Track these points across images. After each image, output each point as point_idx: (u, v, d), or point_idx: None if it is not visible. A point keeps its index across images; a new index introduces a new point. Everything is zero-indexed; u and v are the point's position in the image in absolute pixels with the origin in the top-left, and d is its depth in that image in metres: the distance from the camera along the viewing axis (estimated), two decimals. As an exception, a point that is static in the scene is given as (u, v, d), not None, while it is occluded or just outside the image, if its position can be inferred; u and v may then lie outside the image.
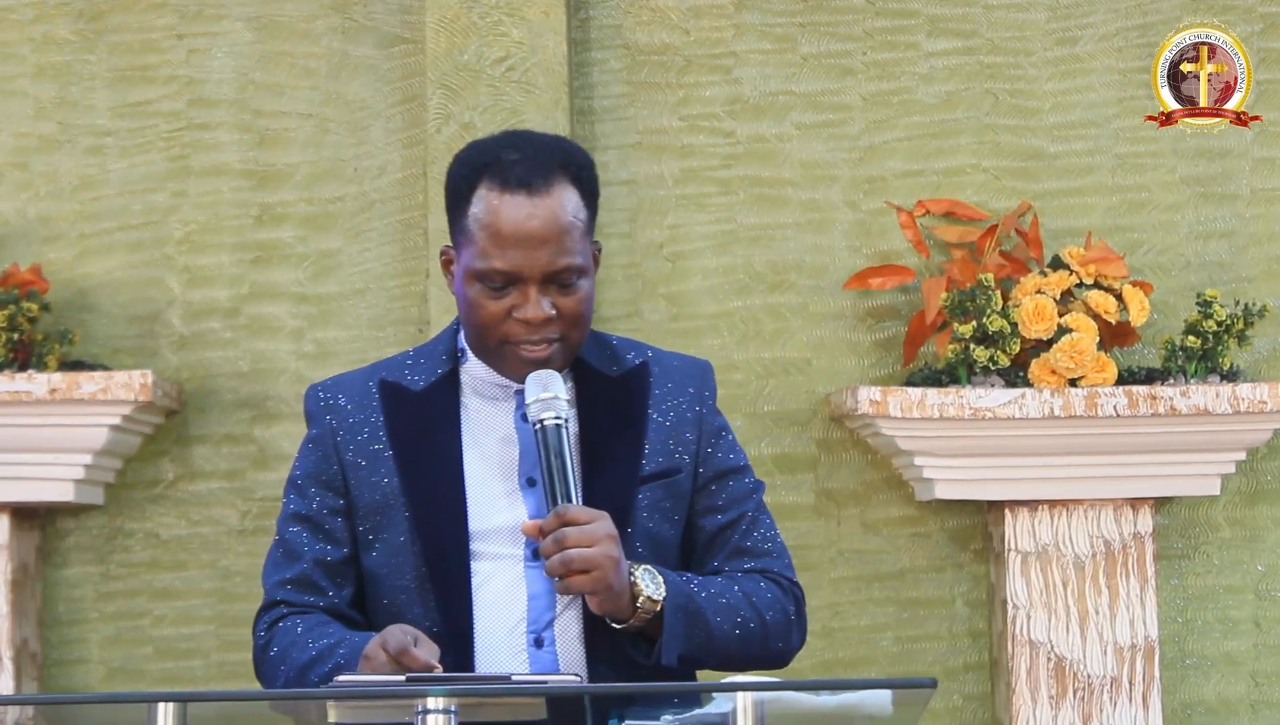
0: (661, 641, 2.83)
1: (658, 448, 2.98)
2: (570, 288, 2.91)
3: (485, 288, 2.91)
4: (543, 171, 2.94)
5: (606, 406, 2.98)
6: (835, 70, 4.88)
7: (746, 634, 2.92)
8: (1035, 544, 4.59)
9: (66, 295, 4.78)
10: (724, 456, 3.03)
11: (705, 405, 3.04)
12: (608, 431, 2.97)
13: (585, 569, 2.77)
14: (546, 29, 4.74)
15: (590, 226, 2.98)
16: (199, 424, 4.81)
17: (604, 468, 2.94)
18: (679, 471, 2.98)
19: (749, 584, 2.96)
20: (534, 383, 2.87)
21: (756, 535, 3.02)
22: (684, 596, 2.85)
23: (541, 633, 2.90)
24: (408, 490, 2.94)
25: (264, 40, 4.88)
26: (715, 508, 3.01)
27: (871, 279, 4.75)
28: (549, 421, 2.84)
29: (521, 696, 2.56)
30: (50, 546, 4.79)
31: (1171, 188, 4.86)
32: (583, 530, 2.78)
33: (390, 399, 3.00)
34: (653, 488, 2.96)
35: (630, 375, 3.02)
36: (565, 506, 2.80)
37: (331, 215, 4.85)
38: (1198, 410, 4.52)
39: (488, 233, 2.91)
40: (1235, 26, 4.81)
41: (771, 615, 2.95)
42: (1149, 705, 4.56)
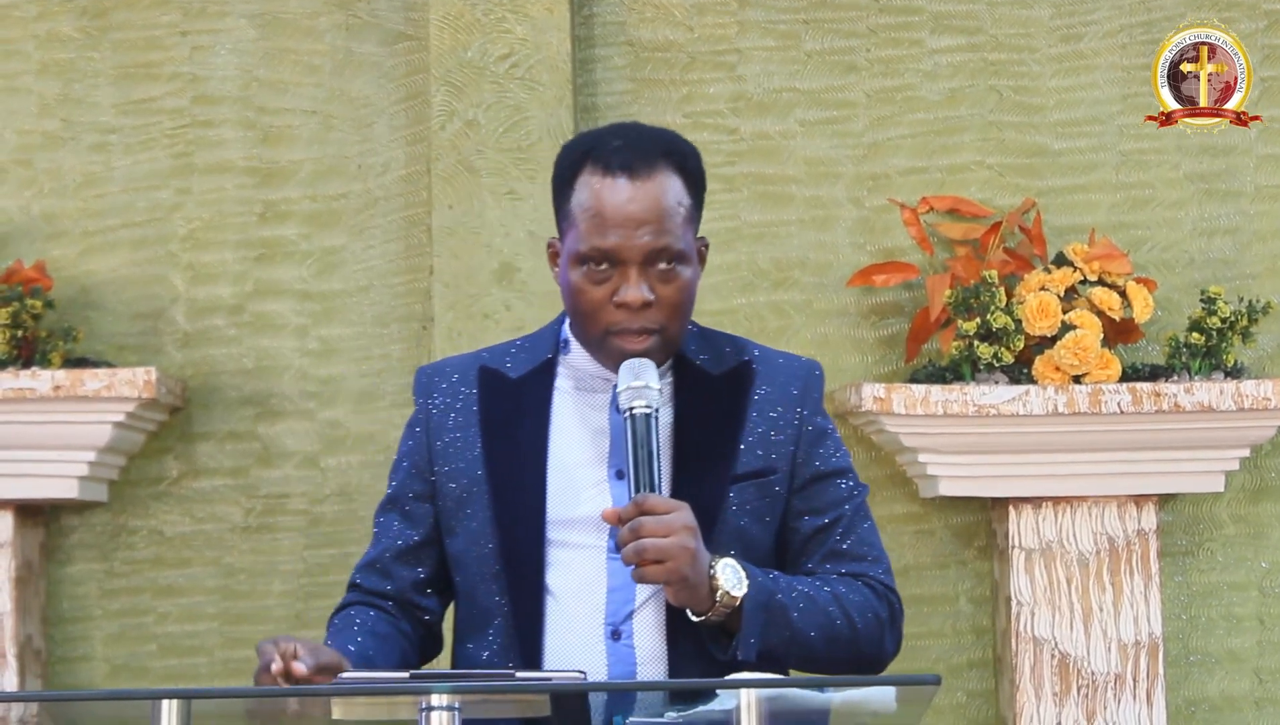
0: (739, 637, 2.81)
1: (753, 448, 2.97)
2: (670, 273, 2.91)
3: (587, 271, 2.91)
4: (645, 157, 2.94)
5: (705, 403, 2.97)
6: (839, 67, 4.87)
7: (833, 635, 2.89)
8: (1039, 541, 4.59)
9: (70, 292, 4.78)
10: (824, 459, 3.01)
11: (808, 407, 3.02)
12: (703, 428, 2.96)
13: (660, 559, 2.75)
14: (550, 26, 4.74)
15: (694, 217, 2.97)
16: (203, 421, 4.81)
17: (695, 464, 2.93)
18: (773, 472, 2.97)
19: (841, 586, 2.94)
20: (626, 371, 2.87)
21: (853, 539, 3.00)
22: (766, 593, 2.84)
23: (620, 625, 2.89)
24: (490, 476, 2.94)
25: (268, 37, 4.88)
26: (812, 510, 2.99)
27: (875, 276, 4.75)
28: (638, 410, 2.83)
29: (525, 693, 2.56)
30: (54, 544, 4.79)
31: (1175, 184, 4.85)
32: (659, 520, 2.76)
33: (487, 385, 3.01)
34: (744, 487, 2.94)
35: (732, 374, 3.01)
36: (645, 495, 2.78)
37: (335, 212, 4.85)
38: (1201, 407, 4.52)
39: (589, 215, 2.91)
40: (1238, 23, 4.80)
41: (862, 619, 2.93)
42: (1153, 702, 4.56)
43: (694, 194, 2.98)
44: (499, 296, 4.66)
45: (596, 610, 2.90)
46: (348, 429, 4.80)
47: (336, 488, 4.80)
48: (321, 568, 4.78)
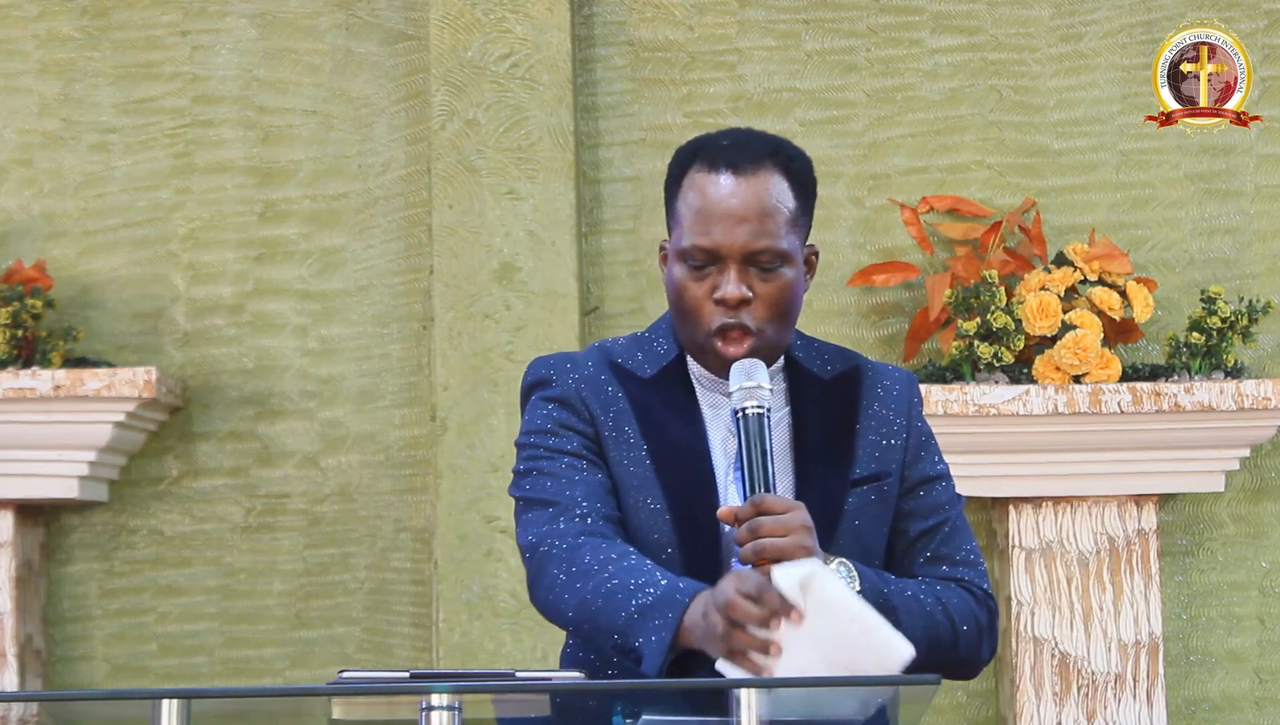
0: None
1: (868, 451, 2.98)
2: (770, 273, 2.90)
3: (688, 267, 2.91)
4: (750, 156, 2.94)
5: (820, 407, 2.98)
6: (839, 67, 4.88)
7: (936, 639, 2.90)
8: (1039, 541, 4.59)
9: (71, 292, 4.79)
10: (928, 464, 3.04)
11: (913, 412, 3.05)
12: (820, 432, 2.97)
13: (778, 558, 2.76)
14: (550, 25, 4.74)
15: (799, 222, 2.96)
16: (203, 421, 4.81)
17: (816, 468, 2.94)
18: (887, 476, 2.99)
19: (945, 591, 2.95)
20: (738, 372, 2.86)
21: (955, 543, 3.02)
22: (878, 593, 2.84)
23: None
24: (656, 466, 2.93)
25: (268, 37, 4.88)
26: (917, 513, 3.01)
27: (875, 275, 4.75)
28: (750, 410, 2.82)
29: (526, 693, 2.56)
30: (54, 543, 4.79)
31: (1175, 184, 4.86)
32: (778, 519, 2.76)
33: (626, 380, 2.98)
34: (863, 491, 2.96)
35: (842, 378, 3.02)
36: (762, 495, 2.78)
37: (335, 212, 4.85)
38: (1202, 407, 4.52)
39: (693, 211, 2.92)
40: (1238, 23, 4.80)
41: (964, 624, 2.94)
42: (1153, 702, 4.56)
43: (800, 198, 2.97)
44: (499, 296, 4.66)
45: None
46: (348, 429, 4.80)
47: (336, 488, 4.80)
48: (321, 567, 4.79)
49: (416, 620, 4.74)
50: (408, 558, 4.74)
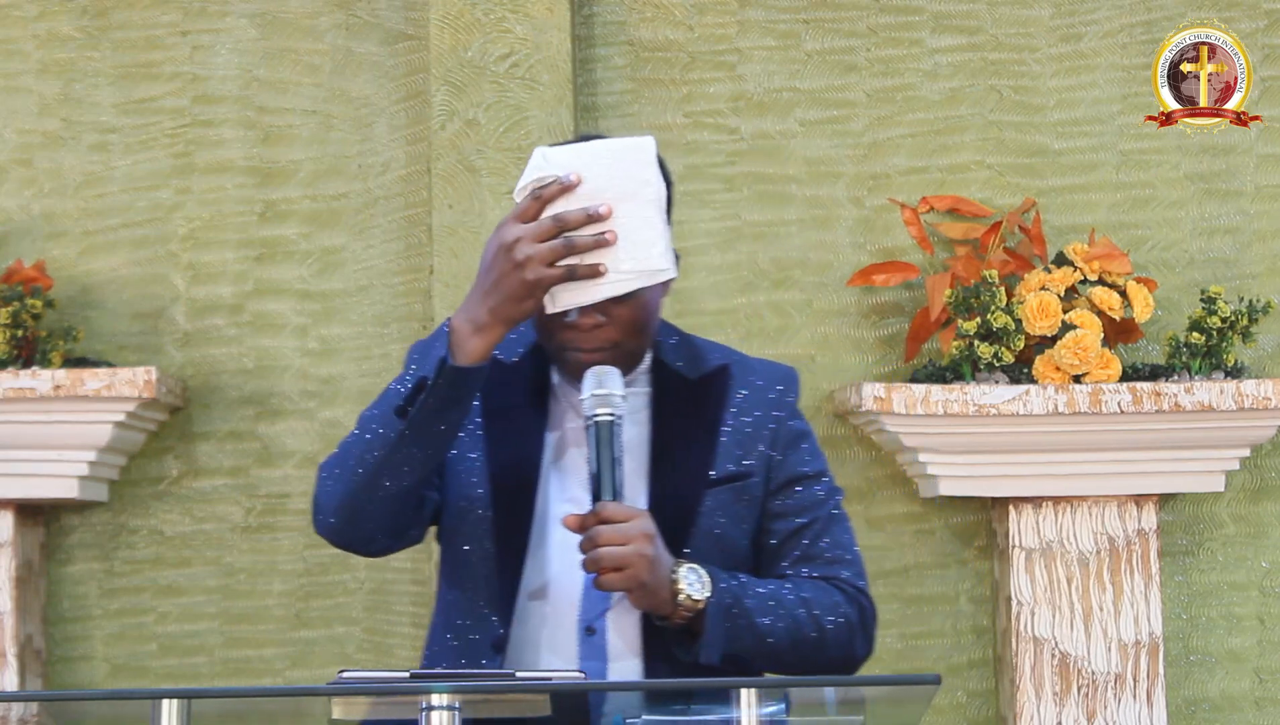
0: (702, 640, 2.83)
1: (730, 452, 2.98)
2: (628, 294, 2.89)
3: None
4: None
5: (682, 409, 2.99)
6: (839, 67, 4.88)
7: (800, 638, 2.91)
8: (1039, 540, 4.59)
9: (71, 292, 4.78)
10: (799, 463, 3.03)
11: (784, 410, 3.04)
12: (680, 433, 2.97)
13: (617, 567, 2.77)
14: (550, 25, 4.74)
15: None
16: (203, 421, 4.81)
17: (672, 469, 2.95)
18: (749, 476, 2.99)
19: (810, 589, 2.95)
20: (590, 378, 2.87)
21: (826, 541, 3.01)
22: (730, 597, 2.85)
23: (594, 622, 2.90)
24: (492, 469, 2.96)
25: (268, 37, 4.88)
26: (787, 512, 3.01)
27: (875, 276, 4.75)
28: (601, 417, 2.83)
29: (526, 693, 2.56)
30: (54, 543, 4.79)
31: (1175, 184, 4.86)
32: (617, 528, 2.78)
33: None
34: (720, 491, 2.96)
35: (709, 378, 3.02)
36: (604, 504, 2.80)
37: (335, 212, 4.85)
38: (1202, 407, 4.52)
39: None
40: (1238, 23, 4.80)
41: (831, 622, 2.94)
42: (1153, 702, 4.56)
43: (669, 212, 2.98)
44: (499, 296, 4.66)
45: (572, 607, 2.92)
46: (348, 429, 4.77)
47: (337, 487, 4.79)
48: (321, 567, 4.78)
49: (416, 620, 4.74)
50: (408, 558, 4.73)
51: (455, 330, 2.81)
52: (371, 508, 2.88)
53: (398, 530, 2.95)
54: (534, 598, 2.93)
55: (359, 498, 2.87)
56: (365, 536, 2.94)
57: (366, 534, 2.93)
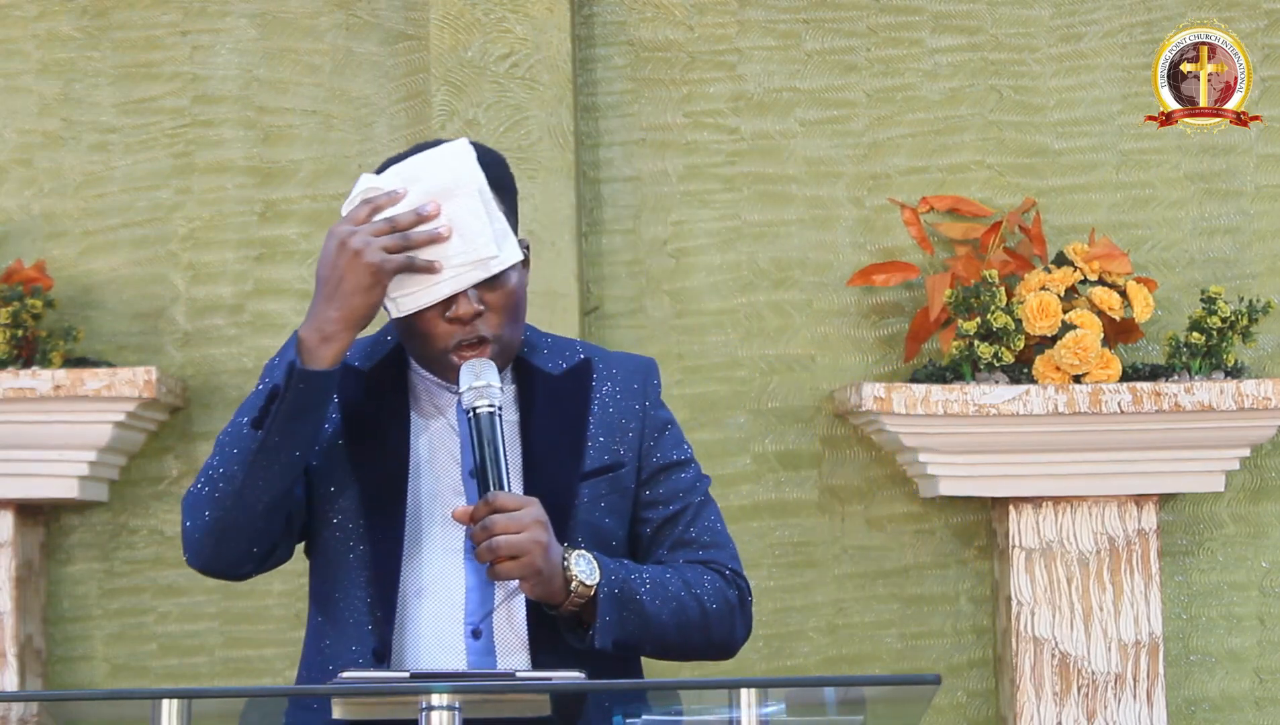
0: (595, 626, 2.85)
1: (600, 443, 3.00)
2: (496, 280, 2.92)
3: None
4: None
5: (548, 403, 3.01)
6: (839, 66, 4.88)
7: (685, 621, 2.93)
8: (1039, 540, 4.59)
9: (71, 292, 4.78)
10: (666, 451, 3.05)
11: (649, 400, 3.06)
12: (549, 428, 2.99)
13: (513, 555, 2.79)
14: (550, 25, 4.74)
15: (511, 222, 2.99)
16: (203, 420, 4.81)
17: (544, 463, 2.96)
18: (621, 466, 3.01)
19: (690, 573, 2.98)
20: (467, 371, 2.88)
21: (699, 527, 3.04)
22: (619, 582, 2.87)
23: (479, 624, 2.91)
24: (357, 478, 2.96)
25: (268, 37, 4.88)
26: (658, 501, 3.03)
27: (875, 276, 4.75)
28: (482, 409, 2.85)
29: (526, 693, 2.56)
30: (54, 543, 4.79)
31: (1175, 184, 4.86)
32: (511, 516, 2.79)
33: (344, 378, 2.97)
34: (595, 483, 2.98)
35: (573, 372, 3.04)
36: (495, 493, 2.81)
37: (335, 212, 4.85)
38: (1202, 407, 4.52)
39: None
40: (1238, 23, 4.80)
41: (713, 605, 2.96)
42: (1153, 702, 4.56)
43: (505, 200, 3.00)
44: (499, 296, 4.66)
45: (456, 609, 2.92)
46: (348, 429, 4.80)
47: (337, 487, 4.79)
48: (322, 567, 4.78)
49: (416, 620, 4.74)
50: (408, 558, 4.74)
51: (303, 341, 2.83)
52: (238, 528, 2.89)
53: (265, 549, 2.95)
54: (414, 604, 2.93)
55: (225, 520, 2.87)
56: (234, 559, 2.94)
57: (235, 556, 2.93)
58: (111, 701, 2.63)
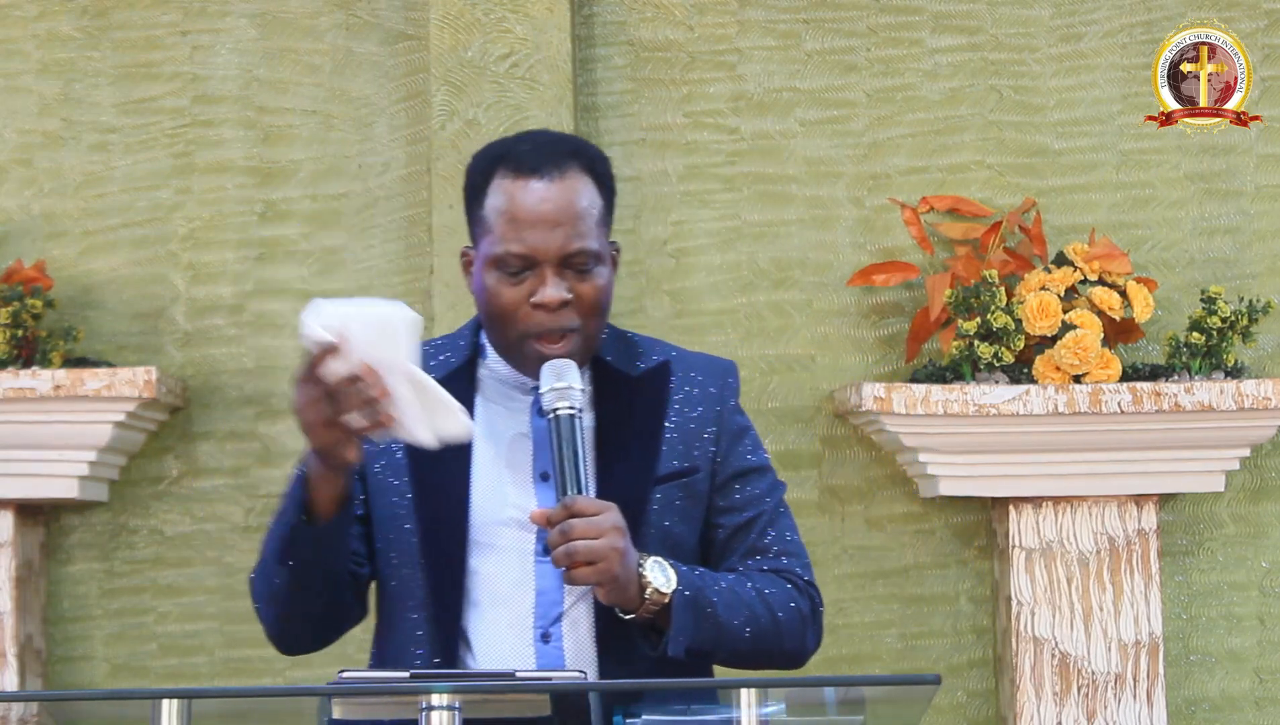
0: (669, 634, 2.83)
1: (675, 448, 2.98)
2: (587, 273, 2.92)
3: (503, 274, 2.93)
4: (556, 159, 2.96)
5: (625, 405, 2.99)
6: (839, 66, 4.88)
7: (758, 630, 2.91)
8: (1039, 540, 4.59)
9: (71, 292, 4.78)
10: (743, 457, 3.03)
11: (726, 406, 3.04)
12: (624, 430, 2.97)
13: (590, 560, 2.77)
14: (550, 25, 4.74)
15: (606, 220, 2.99)
16: (203, 421, 4.81)
17: (618, 466, 2.94)
18: (696, 471, 2.99)
19: (763, 581, 2.96)
20: (549, 372, 2.87)
21: (773, 535, 3.02)
22: (693, 589, 2.85)
23: (549, 628, 2.90)
24: (415, 482, 2.95)
25: (268, 37, 4.88)
26: (732, 507, 3.01)
27: (875, 276, 4.75)
28: (562, 411, 2.84)
29: (526, 693, 2.56)
30: (54, 543, 4.79)
31: (1175, 184, 4.86)
32: (589, 522, 2.77)
33: None
34: (668, 487, 2.96)
35: (650, 375, 3.02)
36: (573, 497, 2.80)
37: (336, 212, 4.85)
38: (1202, 407, 4.52)
39: (504, 218, 2.93)
40: (1238, 23, 4.80)
41: (784, 614, 2.95)
42: (1153, 702, 4.56)
43: (605, 197, 3.00)
44: (499, 296, 4.66)
45: (526, 613, 2.91)
46: (348, 429, 4.79)
47: (337, 487, 4.79)
48: (322, 567, 4.78)
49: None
50: (408, 558, 4.74)
51: (308, 479, 2.83)
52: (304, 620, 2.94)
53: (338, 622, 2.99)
54: (482, 607, 2.92)
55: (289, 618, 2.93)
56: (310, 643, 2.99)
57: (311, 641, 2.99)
58: (111, 701, 2.63)
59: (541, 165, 2.94)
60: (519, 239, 2.91)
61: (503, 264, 2.92)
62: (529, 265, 2.91)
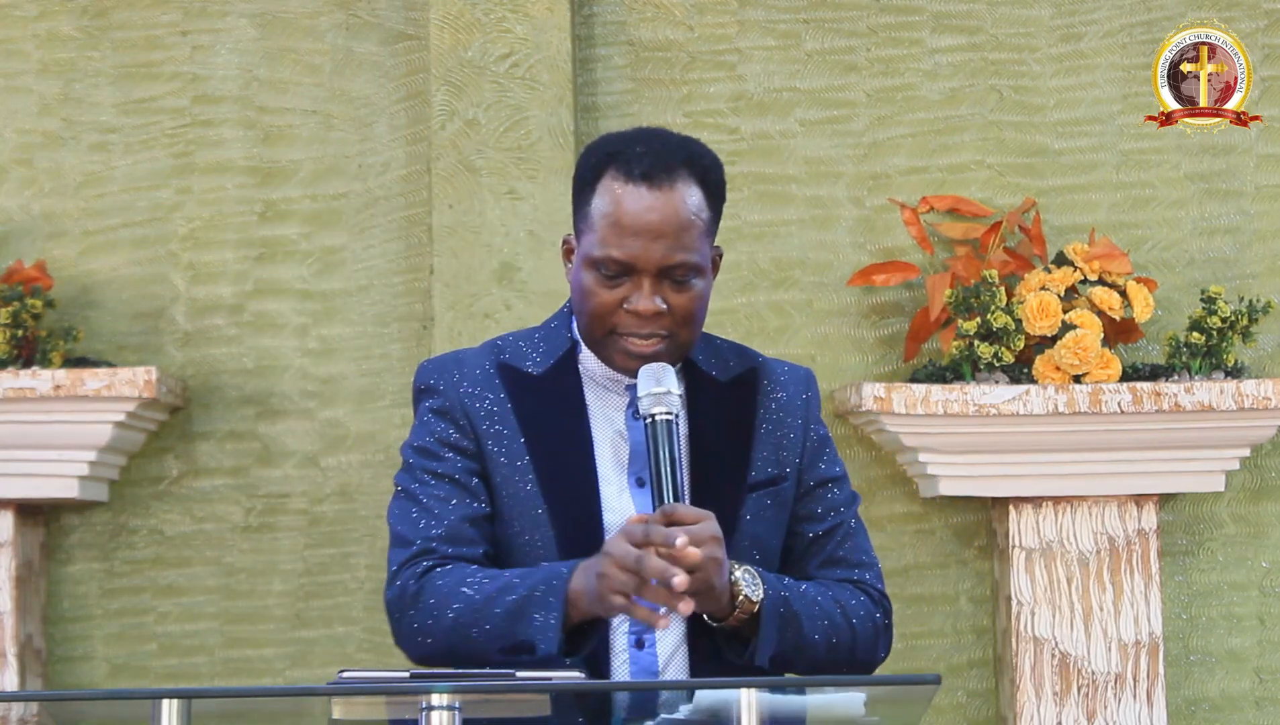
0: (757, 642, 2.82)
1: (765, 455, 2.98)
2: (684, 285, 2.90)
3: (600, 276, 2.90)
4: (667, 166, 2.91)
5: (716, 411, 2.97)
6: (839, 66, 4.88)
7: (836, 641, 2.91)
8: (1039, 540, 4.59)
9: (71, 292, 4.78)
10: (825, 466, 3.03)
11: (811, 414, 3.04)
12: (717, 436, 2.96)
13: (690, 571, 2.74)
14: (550, 25, 4.74)
15: (712, 228, 2.95)
16: (203, 420, 4.81)
17: (712, 473, 2.93)
18: (784, 479, 2.98)
19: (842, 593, 2.96)
20: (647, 376, 2.85)
21: (851, 545, 3.02)
22: (781, 599, 2.84)
23: (644, 633, 2.89)
24: (540, 478, 2.91)
25: (268, 37, 4.88)
26: (814, 516, 3.01)
27: (875, 275, 4.75)
28: (660, 417, 2.81)
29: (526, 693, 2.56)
30: (55, 543, 4.79)
31: (1175, 184, 4.86)
32: (689, 531, 2.75)
33: (511, 382, 2.97)
34: (759, 495, 2.95)
35: (739, 381, 3.01)
36: (674, 506, 2.76)
37: (335, 212, 4.85)
38: (1202, 406, 4.52)
39: (608, 221, 2.89)
40: (1238, 23, 4.80)
41: (861, 625, 2.95)
42: (1153, 702, 4.56)
43: (713, 205, 2.96)
44: (499, 296, 4.66)
45: (620, 619, 2.88)
46: (348, 429, 4.80)
47: (336, 487, 4.80)
48: (321, 567, 4.78)
49: (416, 620, 4.73)
50: (408, 558, 4.73)
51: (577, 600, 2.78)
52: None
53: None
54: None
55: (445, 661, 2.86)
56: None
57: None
58: (111, 701, 2.63)
59: (653, 172, 2.89)
60: (620, 245, 2.88)
61: (601, 266, 2.89)
62: (627, 272, 2.88)
